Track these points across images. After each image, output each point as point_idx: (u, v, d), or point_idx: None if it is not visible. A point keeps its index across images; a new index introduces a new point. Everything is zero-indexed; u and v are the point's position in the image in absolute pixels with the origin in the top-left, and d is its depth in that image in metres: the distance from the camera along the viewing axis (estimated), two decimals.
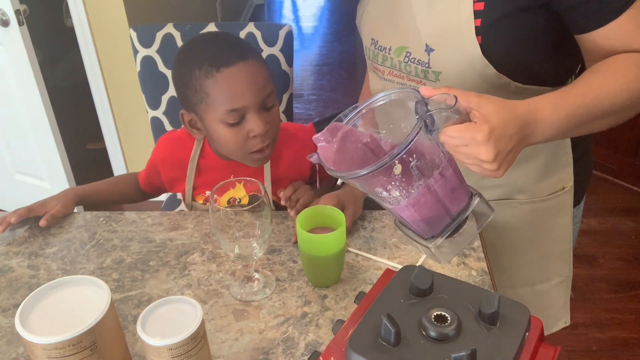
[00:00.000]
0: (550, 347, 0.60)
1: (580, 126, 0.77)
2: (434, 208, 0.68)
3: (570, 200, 1.02)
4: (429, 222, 0.69)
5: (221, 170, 1.12)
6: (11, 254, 1.01)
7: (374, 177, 0.64)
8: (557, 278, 1.09)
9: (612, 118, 0.79)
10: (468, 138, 0.65)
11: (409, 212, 0.68)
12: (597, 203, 2.55)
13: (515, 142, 0.69)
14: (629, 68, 0.77)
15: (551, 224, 1.03)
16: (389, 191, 0.66)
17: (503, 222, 1.02)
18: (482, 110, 0.66)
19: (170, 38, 1.62)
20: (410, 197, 0.66)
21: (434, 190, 0.66)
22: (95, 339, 0.64)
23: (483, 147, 0.65)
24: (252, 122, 0.98)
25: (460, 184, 0.69)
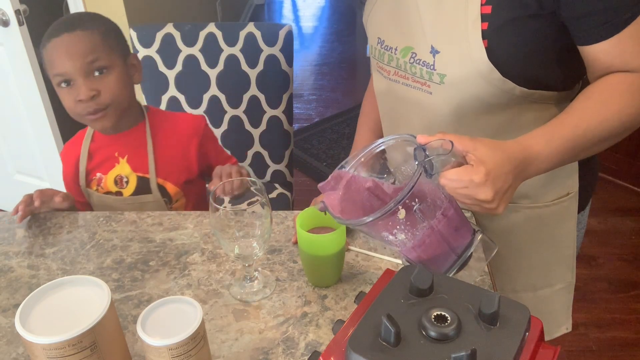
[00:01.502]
0: (550, 347, 0.60)
1: (575, 156, 0.81)
2: (439, 247, 0.70)
3: (575, 206, 1.01)
4: (436, 261, 0.71)
5: (106, 148, 1.20)
6: (11, 254, 1.01)
7: (380, 223, 0.68)
8: (560, 284, 1.09)
9: (607, 143, 0.82)
10: (466, 181, 0.69)
11: (415, 253, 0.70)
12: (597, 203, 2.54)
13: (512, 180, 0.73)
14: (622, 94, 0.79)
15: (555, 230, 1.02)
16: (395, 235, 0.69)
17: (506, 226, 1.01)
18: (477, 153, 0.70)
19: (170, 38, 1.62)
20: (416, 238, 0.69)
21: (438, 231, 0.69)
22: (95, 339, 0.64)
23: (481, 188, 0.69)
24: (77, 88, 1.09)
25: (462, 221, 0.72)
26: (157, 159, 1.19)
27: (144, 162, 1.19)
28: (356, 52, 4.41)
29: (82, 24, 1.11)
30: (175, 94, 1.68)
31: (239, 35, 1.61)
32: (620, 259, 2.28)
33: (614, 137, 0.81)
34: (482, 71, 0.83)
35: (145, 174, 1.18)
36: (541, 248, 1.04)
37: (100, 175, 1.19)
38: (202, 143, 1.24)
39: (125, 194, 1.20)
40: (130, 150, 1.19)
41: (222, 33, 1.62)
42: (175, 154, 1.21)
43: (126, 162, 1.18)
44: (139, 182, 1.19)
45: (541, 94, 0.87)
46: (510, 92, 0.85)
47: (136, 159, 1.18)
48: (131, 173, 1.18)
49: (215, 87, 1.67)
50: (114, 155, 1.19)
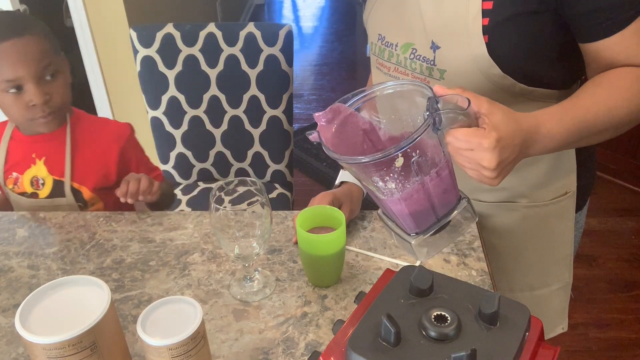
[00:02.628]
0: (550, 347, 0.60)
1: (579, 140, 0.79)
2: (423, 205, 0.68)
3: (573, 206, 1.01)
4: (416, 219, 0.70)
5: (24, 148, 1.20)
6: (11, 254, 1.01)
7: (374, 166, 0.65)
8: (557, 284, 1.09)
9: (610, 133, 0.81)
10: (475, 143, 0.67)
11: (400, 205, 0.68)
12: (597, 203, 2.55)
13: (517, 155, 0.71)
14: (630, 83, 0.78)
15: (553, 229, 1.02)
16: (386, 182, 0.67)
17: (504, 225, 1.02)
18: (492, 118, 0.67)
19: (170, 38, 1.62)
20: (405, 191, 0.67)
21: (428, 188, 0.67)
22: (95, 339, 0.64)
23: (488, 154, 0.67)
24: (30, 93, 1.09)
25: (452, 186, 0.70)
26: (74, 163, 1.19)
27: (61, 165, 1.18)
28: (356, 52, 4.41)
29: (29, 28, 1.10)
30: (175, 94, 1.68)
31: (239, 35, 1.61)
32: (620, 259, 2.28)
33: (618, 126, 0.80)
34: (482, 67, 0.83)
35: (61, 177, 1.18)
36: (539, 247, 1.04)
37: (17, 175, 1.19)
38: (123, 151, 1.23)
39: (40, 196, 1.19)
40: (49, 153, 1.18)
41: (222, 33, 1.62)
42: (93, 159, 1.21)
43: (43, 164, 1.17)
44: (55, 185, 1.19)
45: (541, 91, 0.88)
46: (510, 88, 0.85)
47: (54, 161, 1.18)
48: (47, 175, 1.18)
49: (215, 87, 1.67)
50: (31, 156, 1.18)
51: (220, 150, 1.77)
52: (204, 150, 1.77)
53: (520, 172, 0.95)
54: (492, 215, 1.02)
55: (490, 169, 0.68)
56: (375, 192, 0.70)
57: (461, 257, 0.94)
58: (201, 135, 1.74)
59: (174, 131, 1.73)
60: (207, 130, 1.73)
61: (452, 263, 0.94)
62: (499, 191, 0.98)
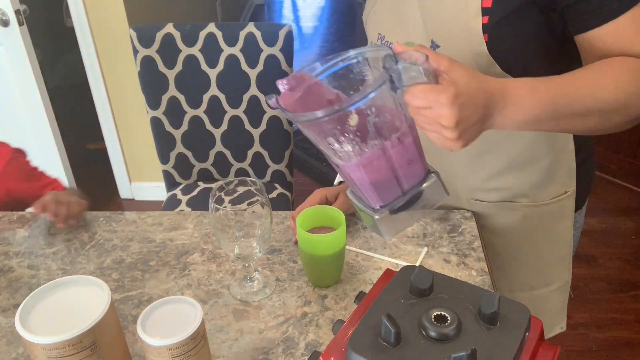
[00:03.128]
0: (550, 347, 0.60)
1: (557, 119, 0.72)
2: (386, 175, 0.65)
3: (572, 205, 1.01)
4: (379, 190, 0.66)
5: None
6: (11, 254, 1.01)
7: (327, 125, 0.61)
8: (556, 283, 1.09)
9: (596, 118, 0.74)
10: (432, 99, 0.62)
11: (359, 172, 0.65)
12: (597, 203, 2.55)
13: (480, 116, 0.66)
14: (620, 68, 0.74)
15: (552, 229, 1.02)
16: (341, 143, 0.63)
17: (504, 225, 1.02)
18: (452, 74, 0.63)
19: (170, 38, 1.62)
20: (363, 156, 0.63)
21: (390, 156, 0.64)
22: (95, 339, 0.64)
23: (446, 110, 0.62)
24: None
25: (418, 157, 0.66)
26: None
27: None
28: None
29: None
30: (175, 94, 1.68)
31: (239, 35, 1.61)
32: (620, 259, 2.28)
33: (604, 112, 0.73)
34: (482, 65, 0.83)
35: None
36: (538, 247, 1.04)
37: None
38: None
39: None
40: None
41: (222, 33, 1.62)
42: None
43: None
44: None
45: None
46: None
47: None
48: None
49: (215, 87, 1.67)
50: None
51: (220, 150, 1.77)
52: (204, 150, 1.77)
53: (519, 171, 0.95)
54: (492, 215, 1.02)
55: (449, 127, 0.63)
56: (333, 157, 0.66)
57: (461, 257, 0.94)
58: (201, 135, 1.74)
59: (174, 131, 1.73)
60: (207, 130, 1.74)
61: (452, 263, 0.94)
62: (499, 191, 0.98)
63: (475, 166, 0.97)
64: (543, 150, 0.94)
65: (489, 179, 0.97)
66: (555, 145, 0.94)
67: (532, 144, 0.93)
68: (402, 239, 1.00)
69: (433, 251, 0.96)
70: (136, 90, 2.05)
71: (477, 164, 0.96)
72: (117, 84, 2.46)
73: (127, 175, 2.70)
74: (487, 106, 0.66)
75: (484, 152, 0.94)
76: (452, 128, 0.63)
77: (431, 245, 0.98)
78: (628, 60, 0.74)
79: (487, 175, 0.97)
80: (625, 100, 0.72)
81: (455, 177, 1.00)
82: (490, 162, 0.95)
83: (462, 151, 0.95)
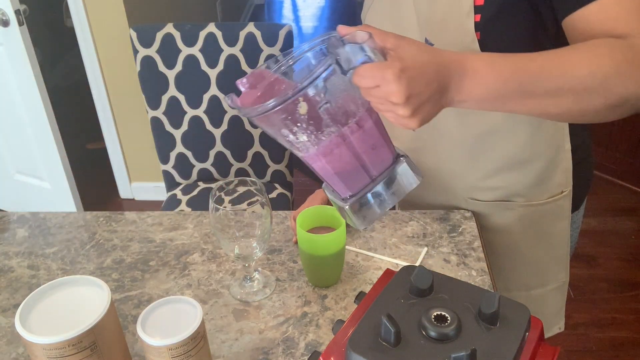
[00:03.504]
0: (550, 347, 0.60)
1: (524, 97, 0.67)
2: (350, 163, 0.63)
3: (569, 205, 1.01)
4: (345, 179, 0.64)
5: None
6: (11, 254, 1.01)
7: (278, 116, 0.59)
8: (553, 283, 1.09)
9: (570, 99, 0.67)
10: (378, 77, 0.60)
11: (320, 162, 0.63)
12: (597, 203, 2.55)
13: (434, 90, 0.63)
14: (597, 46, 0.67)
15: (549, 228, 1.03)
16: (296, 134, 0.61)
17: (500, 224, 1.02)
18: (399, 50, 0.61)
19: (170, 38, 1.62)
20: (321, 145, 0.62)
21: (350, 142, 0.62)
22: (95, 339, 0.64)
23: (393, 85, 0.59)
24: None
25: (383, 142, 0.64)
26: None
27: None
28: None
29: None
30: (175, 94, 1.68)
31: (239, 35, 1.61)
32: (620, 259, 2.28)
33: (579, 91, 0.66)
34: None
35: None
36: (535, 247, 1.04)
37: None
38: None
39: None
40: None
41: (222, 33, 1.62)
42: None
43: None
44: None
45: None
46: None
47: None
48: None
49: (215, 87, 1.67)
50: None
51: (220, 150, 1.77)
52: (204, 150, 1.77)
53: (516, 171, 0.95)
54: (489, 214, 1.02)
55: (400, 103, 0.60)
56: (294, 150, 0.65)
57: (461, 257, 0.94)
58: (201, 135, 1.74)
59: (174, 131, 1.73)
60: (207, 130, 1.74)
61: (452, 263, 0.94)
62: (495, 190, 0.99)
63: (472, 165, 0.97)
64: (539, 150, 0.94)
65: (486, 178, 0.97)
66: (551, 145, 0.94)
67: (528, 143, 0.93)
68: (402, 239, 1.00)
69: (433, 251, 0.97)
70: (136, 90, 2.05)
71: (473, 163, 0.96)
72: (117, 84, 2.46)
73: (127, 175, 2.70)
74: (441, 79, 0.63)
75: (481, 151, 0.95)
76: (402, 104, 0.61)
77: (431, 245, 0.98)
78: (608, 39, 0.70)
79: (483, 175, 0.97)
80: (603, 79, 0.65)
81: (452, 176, 1.00)
82: (486, 161, 0.95)
83: (459, 150, 0.96)
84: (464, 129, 0.93)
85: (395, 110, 0.62)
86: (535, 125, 0.91)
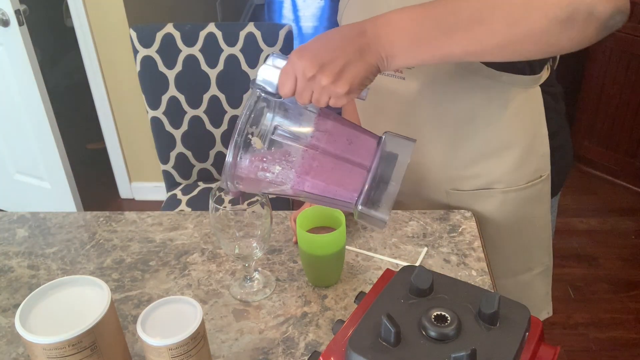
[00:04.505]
0: (550, 347, 0.60)
1: (448, 33, 0.64)
2: (336, 167, 0.63)
3: (548, 189, 1.03)
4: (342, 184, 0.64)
5: None
6: (11, 254, 1.01)
7: (245, 165, 0.61)
8: (538, 268, 1.11)
9: (500, 21, 0.62)
10: (288, 69, 0.62)
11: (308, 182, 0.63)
12: (597, 203, 2.55)
13: (349, 53, 0.63)
14: None
15: (530, 213, 1.04)
16: (271, 170, 0.62)
17: (482, 213, 1.03)
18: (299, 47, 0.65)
19: (170, 38, 1.62)
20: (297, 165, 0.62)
21: (325, 149, 0.62)
22: (95, 339, 0.64)
23: (299, 63, 0.61)
24: None
25: (356, 132, 0.65)
26: None
27: None
28: None
29: None
30: (175, 94, 1.68)
31: (239, 35, 1.61)
32: (620, 259, 2.28)
33: (505, 11, 0.61)
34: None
35: None
36: (518, 232, 1.05)
37: None
38: None
39: None
40: None
41: (222, 33, 1.62)
42: None
43: None
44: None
45: (509, 76, 0.89)
46: (477, 72, 0.87)
47: None
48: None
49: (215, 87, 1.67)
50: None
51: (220, 150, 1.77)
52: (204, 150, 1.77)
53: (494, 157, 0.97)
54: (470, 204, 1.04)
55: (316, 73, 0.61)
56: (278, 188, 0.66)
57: (461, 257, 0.95)
58: (201, 135, 1.74)
59: (174, 131, 1.73)
60: (207, 130, 1.74)
61: (452, 263, 0.94)
62: (474, 179, 1.00)
63: (451, 155, 0.98)
64: (517, 136, 0.95)
65: (465, 167, 0.99)
66: (528, 131, 0.96)
67: (505, 130, 0.94)
68: (402, 239, 1.00)
69: (433, 251, 0.97)
70: (136, 90, 2.05)
71: (453, 153, 0.98)
72: (117, 84, 2.46)
73: (127, 175, 2.70)
74: (354, 40, 0.64)
75: (459, 141, 0.96)
76: (318, 72, 0.61)
77: (431, 245, 0.98)
78: None
79: (462, 164, 0.99)
80: (542, 6, 0.60)
81: (433, 169, 1.02)
82: (465, 151, 0.97)
83: (437, 142, 0.97)
84: (439, 120, 0.94)
85: (320, 84, 0.62)
86: (512, 111, 0.93)
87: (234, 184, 0.65)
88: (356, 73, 0.63)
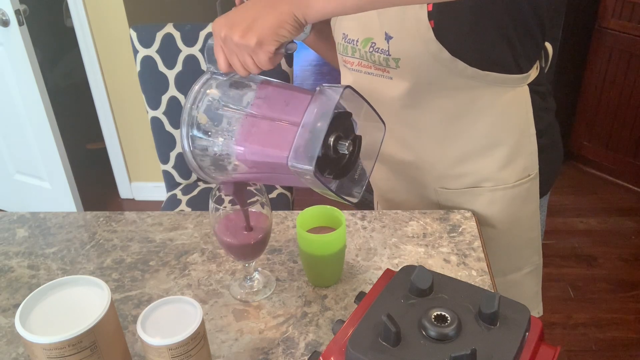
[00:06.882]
0: (550, 347, 0.60)
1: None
2: (272, 129, 0.63)
3: (536, 188, 1.03)
4: (277, 144, 0.63)
5: None
6: (11, 254, 1.01)
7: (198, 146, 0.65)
8: (527, 267, 1.11)
9: None
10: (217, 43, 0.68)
11: (248, 149, 0.64)
12: (597, 203, 2.55)
13: (259, 8, 0.66)
14: None
15: (519, 212, 1.04)
16: (215, 144, 0.65)
17: (471, 211, 1.04)
18: None
19: (170, 38, 1.62)
20: (237, 134, 0.63)
21: (262, 114, 0.64)
22: (95, 339, 0.64)
23: (216, 30, 0.67)
24: None
25: (292, 93, 0.66)
26: None
27: None
28: None
29: None
30: (175, 94, 1.68)
31: None
32: (620, 259, 2.28)
33: None
34: (432, 52, 0.86)
35: None
36: (507, 231, 1.05)
37: None
38: None
39: None
40: None
41: None
42: None
43: None
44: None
45: (495, 76, 0.89)
46: (462, 72, 0.88)
47: None
48: None
49: None
50: None
51: None
52: None
53: (482, 156, 0.97)
54: (459, 202, 1.04)
55: (228, 32, 0.66)
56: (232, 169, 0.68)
57: (461, 257, 0.95)
58: None
59: (174, 131, 1.73)
60: None
61: (452, 263, 0.94)
62: (463, 177, 1.00)
63: (438, 154, 0.99)
64: (505, 134, 0.96)
65: (454, 165, 0.99)
66: (516, 129, 0.96)
67: (493, 128, 0.95)
68: (402, 239, 1.00)
69: (433, 251, 0.97)
70: (136, 90, 2.05)
71: (439, 152, 0.98)
72: (117, 84, 2.46)
73: (127, 175, 2.70)
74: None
75: (448, 139, 0.96)
76: (228, 32, 0.66)
77: (431, 245, 0.98)
78: None
79: (452, 162, 0.99)
80: None
81: (422, 168, 1.02)
82: (454, 149, 0.97)
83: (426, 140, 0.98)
84: (426, 119, 0.95)
85: (232, 41, 0.66)
86: (499, 110, 0.93)
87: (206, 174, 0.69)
88: (264, 23, 0.66)
